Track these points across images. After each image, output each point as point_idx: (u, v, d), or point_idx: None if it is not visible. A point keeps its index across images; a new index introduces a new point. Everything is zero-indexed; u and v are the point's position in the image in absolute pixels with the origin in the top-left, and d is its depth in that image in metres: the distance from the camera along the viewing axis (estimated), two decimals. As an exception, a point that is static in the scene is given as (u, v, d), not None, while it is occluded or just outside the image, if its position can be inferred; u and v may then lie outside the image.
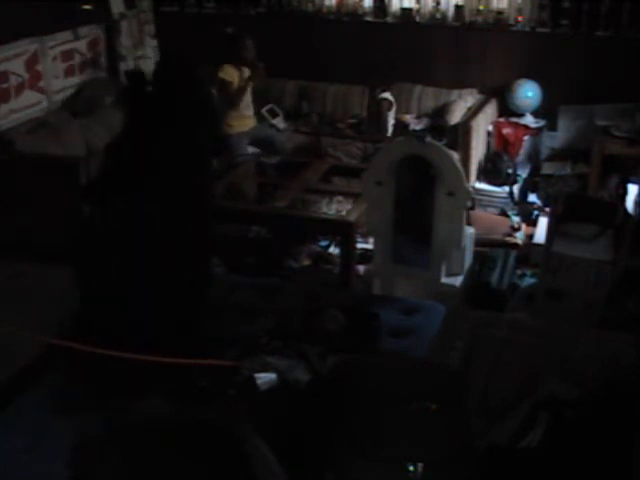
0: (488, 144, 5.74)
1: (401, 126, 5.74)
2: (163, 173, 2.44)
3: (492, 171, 5.55)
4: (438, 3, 5.96)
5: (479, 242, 4.42)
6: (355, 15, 6.20)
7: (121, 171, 2.48)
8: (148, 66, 6.47)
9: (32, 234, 3.93)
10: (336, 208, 4.44)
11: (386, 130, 5.66)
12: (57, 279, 3.10)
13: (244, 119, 5.60)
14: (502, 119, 5.80)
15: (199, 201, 2.62)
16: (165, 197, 2.44)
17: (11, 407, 2.53)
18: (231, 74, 5.47)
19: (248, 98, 5.60)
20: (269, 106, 6.12)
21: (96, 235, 2.52)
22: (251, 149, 5.68)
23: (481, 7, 5.87)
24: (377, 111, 5.65)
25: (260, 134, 5.72)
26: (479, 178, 5.59)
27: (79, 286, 2.57)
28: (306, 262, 4.75)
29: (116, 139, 2.59)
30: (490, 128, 5.72)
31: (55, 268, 3.11)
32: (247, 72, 5.50)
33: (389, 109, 5.66)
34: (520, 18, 5.79)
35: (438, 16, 5.99)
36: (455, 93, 5.90)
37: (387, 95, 5.67)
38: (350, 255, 4.22)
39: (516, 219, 5.25)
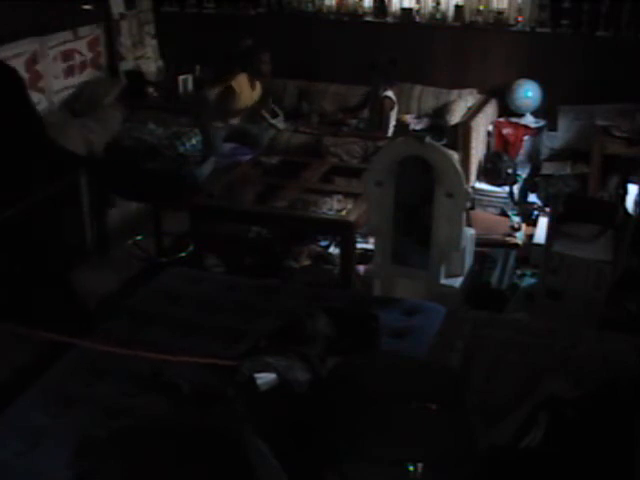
0: (488, 144, 5.74)
1: (401, 126, 5.74)
2: None
3: (492, 171, 5.55)
4: (438, 3, 5.96)
5: (479, 242, 4.42)
6: (355, 15, 6.20)
7: None
8: (148, 66, 6.49)
9: None
10: (336, 208, 4.43)
11: (387, 129, 5.66)
12: None
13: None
14: (502, 119, 5.81)
15: None
16: None
17: (11, 408, 2.53)
18: (241, 86, 5.48)
19: None
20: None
21: None
22: (229, 145, 5.67)
23: (481, 7, 5.87)
24: (380, 109, 5.65)
25: (236, 128, 5.73)
26: (479, 178, 5.59)
27: None
28: (306, 262, 4.75)
29: None
30: (490, 128, 5.72)
31: None
32: (258, 88, 5.52)
33: (391, 108, 5.66)
34: (520, 18, 5.78)
35: (438, 16, 5.99)
36: (455, 93, 5.90)
37: (390, 94, 5.67)
38: (350, 255, 4.22)
39: (516, 219, 5.25)
